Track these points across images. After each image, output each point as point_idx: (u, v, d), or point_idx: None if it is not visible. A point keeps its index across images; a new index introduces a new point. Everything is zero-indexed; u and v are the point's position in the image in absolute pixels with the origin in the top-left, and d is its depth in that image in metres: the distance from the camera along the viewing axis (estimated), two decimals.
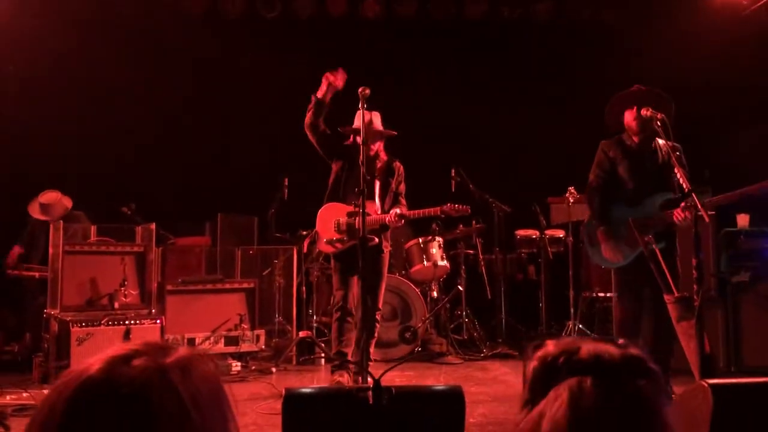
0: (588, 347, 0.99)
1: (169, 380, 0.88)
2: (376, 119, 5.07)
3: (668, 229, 4.30)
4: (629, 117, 4.50)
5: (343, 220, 4.98)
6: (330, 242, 5.04)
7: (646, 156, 4.51)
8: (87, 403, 0.84)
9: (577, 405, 0.92)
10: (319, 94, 4.93)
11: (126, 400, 0.84)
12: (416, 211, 4.95)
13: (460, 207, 4.87)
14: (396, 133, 5.14)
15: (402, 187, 5.22)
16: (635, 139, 4.54)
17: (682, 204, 4.11)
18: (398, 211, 4.88)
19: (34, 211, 6.29)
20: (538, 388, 0.99)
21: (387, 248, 5.12)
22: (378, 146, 5.13)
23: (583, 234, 4.87)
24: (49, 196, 6.28)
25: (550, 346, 1.03)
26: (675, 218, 4.12)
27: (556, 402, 0.93)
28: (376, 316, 5.05)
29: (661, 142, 4.48)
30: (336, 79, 4.91)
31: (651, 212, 4.31)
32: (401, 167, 5.24)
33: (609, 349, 0.98)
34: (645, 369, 0.97)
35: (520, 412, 1.01)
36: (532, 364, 1.02)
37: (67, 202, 6.34)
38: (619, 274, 4.57)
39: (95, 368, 0.87)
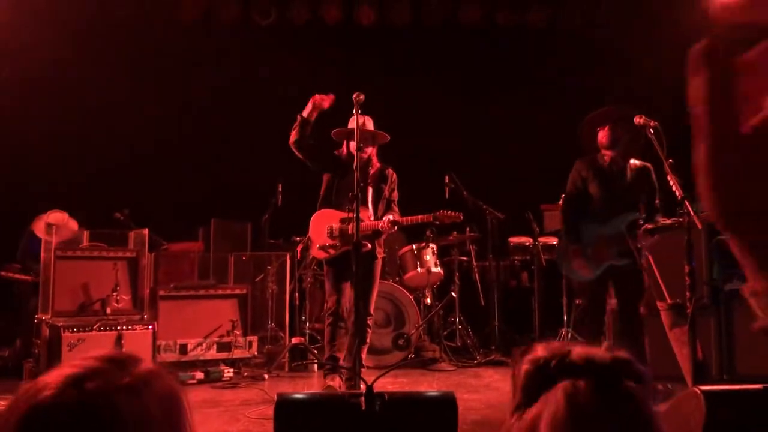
0: (578, 350, 1.00)
1: (117, 405, 0.88)
2: (369, 124, 5.09)
3: (631, 248, 4.49)
4: (601, 135, 4.72)
5: (336, 226, 4.98)
6: (323, 248, 5.04)
7: (616, 175, 4.72)
8: (36, 426, 0.86)
9: (575, 405, 0.93)
10: (305, 113, 4.94)
11: (73, 426, 0.86)
12: (409, 218, 4.97)
13: (453, 214, 4.96)
14: (389, 136, 5.15)
15: (395, 195, 5.23)
16: (606, 158, 4.74)
17: (646, 226, 4.42)
18: (391, 217, 4.89)
19: (39, 231, 6.14)
20: (531, 391, 0.99)
21: (381, 254, 5.12)
22: (371, 152, 5.14)
23: (555, 249, 5.14)
24: (57, 217, 6.11)
25: (540, 350, 1.03)
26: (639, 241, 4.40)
27: (552, 404, 0.94)
28: (368, 322, 5.04)
29: (634, 162, 4.73)
30: (323, 101, 4.92)
31: (619, 231, 4.52)
32: (394, 174, 5.25)
33: (599, 351, 1.00)
34: (635, 371, 0.98)
35: (511, 416, 1.01)
36: (524, 367, 1.02)
37: (73, 225, 6.22)
38: (587, 286, 4.82)
39: (46, 393, 0.88)
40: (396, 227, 4.95)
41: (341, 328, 4.90)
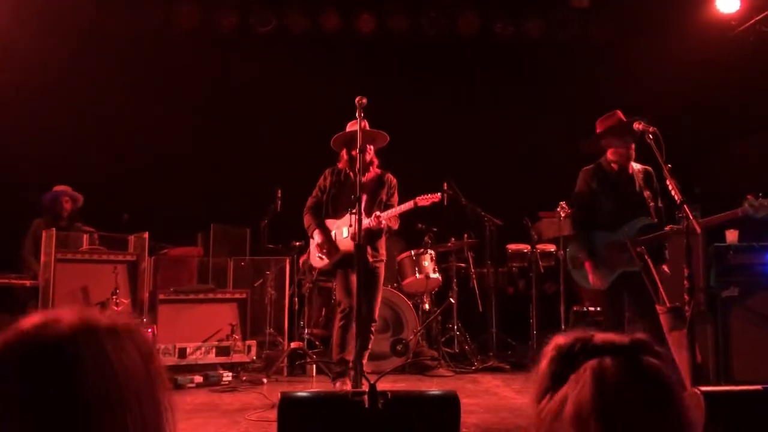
0: (599, 335, 1.05)
1: (97, 338, 0.91)
2: (366, 127, 5.16)
3: (643, 252, 4.49)
4: (626, 145, 4.66)
5: (337, 232, 5.09)
6: (319, 256, 5.16)
7: (625, 181, 4.73)
8: (17, 353, 0.88)
9: (601, 382, 0.96)
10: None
11: (53, 352, 0.88)
12: (392, 211, 5.04)
13: (431, 195, 5.08)
14: (388, 136, 5.21)
15: (394, 199, 5.28)
16: (614, 166, 4.75)
17: (671, 227, 4.37)
18: (377, 213, 4.94)
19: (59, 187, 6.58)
20: (557, 375, 1.03)
21: (383, 257, 5.16)
22: (372, 154, 5.20)
23: (565, 257, 5.15)
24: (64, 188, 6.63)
25: (561, 339, 1.07)
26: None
27: (579, 383, 0.98)
28: (371, 328, 5.09)
29: (637, 166, 4.76)
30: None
31: (631, 236, 4.53)
32: (394, 180, 5.31)
33: (617, 335, 1.05)
34: (654, 350, 1.03)
35: (538, 402, 1.04)
36: (549, 355, 1.06)
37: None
38: (603, 296, 4.83)
39: (29, 323, 0.92)
40: (383, 221, 5.04)
41: (352, 331, 4.93)
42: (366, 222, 4.90)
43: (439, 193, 5.12)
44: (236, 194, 7.76)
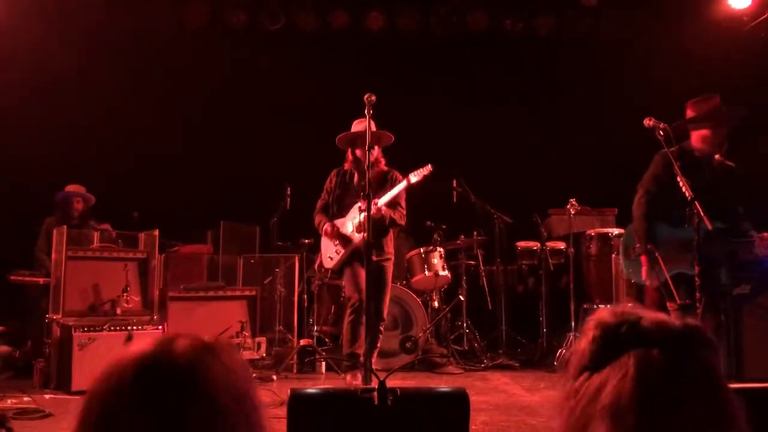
0: (650, 316, 0.98)
1: (215, 355, 0.95)
2: (372, 126, 5.16)
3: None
4: (719, 133, 4.37)
5: (343, 229, 5.13)
6: (330, 256, 5.20)
7: (707, 170, 4.32)
8: (151, 374, 0.91)
9: (646, 376, 0.91)
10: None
11: (183, 370, 0.92)
12: (389, 196, 5.11)
13: (422, 168, 5.10)
14: (393, 137, 5.22)
15: (399, 195, 5.27)
16: (697, 154, 4.36)
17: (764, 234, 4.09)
18: (375, 201, 4.97)
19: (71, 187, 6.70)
20: (598, 356, 0.97)
21: (389, 256, 5.18)
22: (377, 153, 5.20)
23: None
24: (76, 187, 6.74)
25: (607, 315, 1.00)
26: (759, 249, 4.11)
27: (621, 371, 0.92)
28: (380, 327, 5.10)
29: (720, 159, 4.38)
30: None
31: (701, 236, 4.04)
32: (400, 176, 5.30)
33: (669, 319, 0.98)
34: (706, 339, 0.97)
35: (575, 378, 0.99)
36: (591, 333, 1.00)
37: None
38: (647, 290, 4.62)
39: (146, 348, 0.94)
40: (385, 211, 5.08)
41: (362, 324, 4.94)
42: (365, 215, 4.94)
43: (429, 165, 5.10)
44: (246, 192, 7.77)
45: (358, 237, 5.08)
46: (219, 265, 6.94)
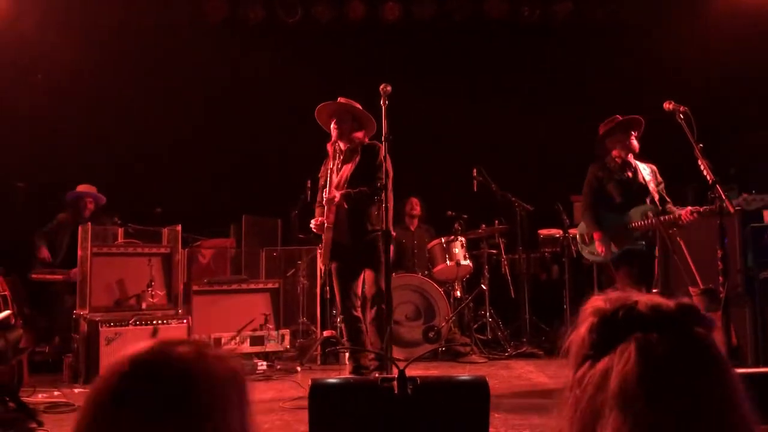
0: (644, 300, 0.98)
1: (209, 365, 0.97)
2: (357, 106, 5.02)
3: (648, 234, 5.12)
4: (633, 140, 5.29)
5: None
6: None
7: (627, 171, 5.35)
8: (139, 379, 0.93)
9: (647, 358, 0.92)
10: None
11: (174, 378, 0.93)
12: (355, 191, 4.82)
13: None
14: (375, 123, 4.90)
15: (375, 166, 4.77)
16: (617, 160, 5.35)
17: (688, 208, 4.83)
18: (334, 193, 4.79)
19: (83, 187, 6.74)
20: (599, 344, 0.98)
21: (376, 228, 4.79)
22: (361, 135, 5.00)
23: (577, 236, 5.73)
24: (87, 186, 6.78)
25: (601, 302, 1.01)
26: (684, 218, 4.78)
27: (623, 357, 0.93)
28: (381, 306, 4.72)
29: (641, 164, 5.35)
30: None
31: (636, 219, 5.13)
32: (376, 146, 4.81)
33: (663, 300, 0.99)
34: (700, 316, 0.97)
35: (578, 367, 1.00)
36: (589, 320, 1.00)
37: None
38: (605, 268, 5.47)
39: (140, 349, 0.97)
40: (338, 196, 4.75)
41: (360, 330, 4.91)
42: (334, 195, 4.78)
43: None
44: (267, 186, 7.81)
45: (328, 233, 4.84)
46: (242, 258, 6.99)
